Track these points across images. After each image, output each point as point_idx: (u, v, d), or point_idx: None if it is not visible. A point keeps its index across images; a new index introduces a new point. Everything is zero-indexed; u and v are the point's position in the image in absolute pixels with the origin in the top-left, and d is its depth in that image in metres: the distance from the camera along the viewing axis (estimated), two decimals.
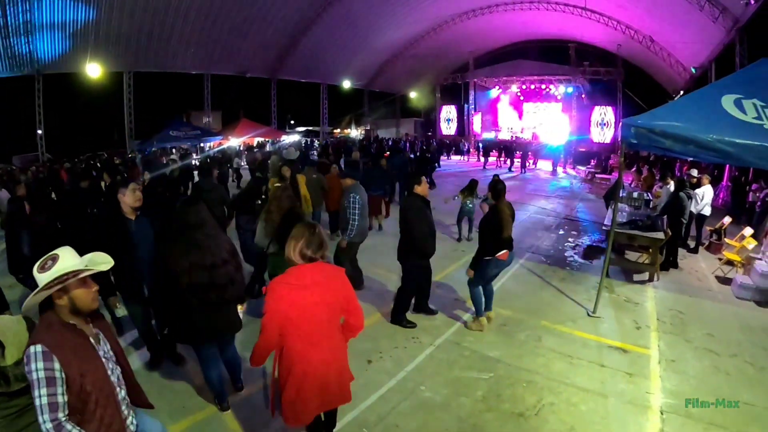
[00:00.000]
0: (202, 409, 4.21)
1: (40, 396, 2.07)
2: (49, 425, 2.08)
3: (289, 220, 4.71)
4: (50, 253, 2.29)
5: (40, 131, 20.94)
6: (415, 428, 4.02)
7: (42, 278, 2.21)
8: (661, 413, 4.28)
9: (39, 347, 2.10)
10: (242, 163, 20.65)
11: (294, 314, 2.84)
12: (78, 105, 31.43)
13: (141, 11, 19.03)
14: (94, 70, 20.23)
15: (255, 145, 25.56)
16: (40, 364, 2.08)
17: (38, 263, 2.26)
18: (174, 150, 22.52)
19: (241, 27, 22.69)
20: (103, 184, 9.63)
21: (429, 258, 5.85)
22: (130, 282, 4.41)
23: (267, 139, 26.41)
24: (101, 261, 2.40)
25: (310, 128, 40.96)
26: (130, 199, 4.37)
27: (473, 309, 6.36)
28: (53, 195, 8.68)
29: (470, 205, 9.71)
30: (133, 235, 4.35)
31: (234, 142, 24.83)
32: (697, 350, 5.56)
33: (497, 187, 5.65)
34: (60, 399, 2.12)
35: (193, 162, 18.65)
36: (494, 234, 5.32)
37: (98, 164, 16.82)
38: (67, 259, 2.28)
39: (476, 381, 4.73)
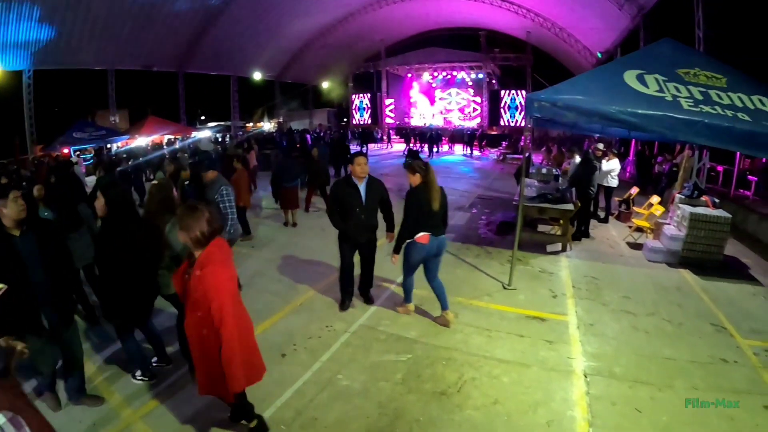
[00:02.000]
0: None
1: None
2: None
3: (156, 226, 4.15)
4: None
5: None
6: (334, 419, 3.75)
7: None
8: (585, 376, 4.28)
9: None
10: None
11: (233, 286, 2.99)
12: None
13: (39, 5, 17.28)
14: None
15: (165, 142, 24.12)
16: None
17: None
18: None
19: (145, 18, 21.18)
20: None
21: (348, 240, 5.44)
22: (24, 313, 3.40)
23: (176, 137, 24.99)
24: None
25: (222, 123, 39.28)
26: (12, 210, 3.38)
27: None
28: None
29: None
30: (20, 254, 3.40)
31: (142, 141, 23.34)
32: (614, 313, 5.67)
33: (415, 162, 5.06)
34: None
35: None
36: (415, 210, 4.86)
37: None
38: None
39: (394, 364, 4.51)
